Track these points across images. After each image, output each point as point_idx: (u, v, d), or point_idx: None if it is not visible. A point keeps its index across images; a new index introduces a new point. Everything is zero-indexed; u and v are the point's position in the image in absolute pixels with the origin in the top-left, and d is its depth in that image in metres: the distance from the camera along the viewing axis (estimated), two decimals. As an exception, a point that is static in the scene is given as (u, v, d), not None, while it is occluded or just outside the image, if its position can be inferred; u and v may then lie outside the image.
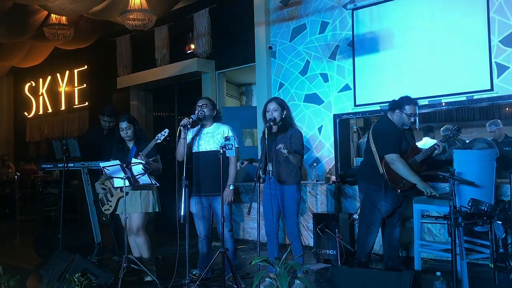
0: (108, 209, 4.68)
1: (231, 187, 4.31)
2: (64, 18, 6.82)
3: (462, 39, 5.54)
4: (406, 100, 4.25)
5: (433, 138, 6.97)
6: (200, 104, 4.42)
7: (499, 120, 6.73)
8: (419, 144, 5.81)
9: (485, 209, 3.54)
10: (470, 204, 3.63)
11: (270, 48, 7.13)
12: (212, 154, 4.30)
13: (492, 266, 3.73)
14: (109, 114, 5.74)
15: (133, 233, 4.58)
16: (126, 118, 4.65)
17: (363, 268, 4.15)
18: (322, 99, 6.68)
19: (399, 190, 4.16)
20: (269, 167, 4.17)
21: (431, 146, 4.22)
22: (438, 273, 3.50)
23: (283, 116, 4.21)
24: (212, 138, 4.39)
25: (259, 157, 4.46)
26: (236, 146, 4.21)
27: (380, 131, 4.26)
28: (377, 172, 4.20)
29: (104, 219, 4.92)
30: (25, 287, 4.51)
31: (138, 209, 4.51)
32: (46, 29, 6.86)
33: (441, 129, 7.31)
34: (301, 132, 4.33)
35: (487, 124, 6.71)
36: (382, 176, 4.16)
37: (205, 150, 4.38)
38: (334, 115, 6.46)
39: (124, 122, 4.60)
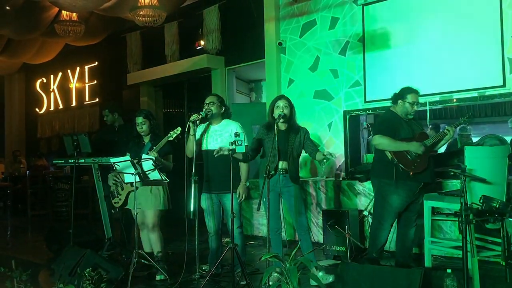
0: (118, 202, 4.76)
1: (247, 184, 4.37)
2: (74, 14, 6.86)
3: (474, 34, 5.48)
4: (407, 90, 4.28)
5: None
6: (207, 102, 4.43)
7: None
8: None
9: (497, 206, 3.51)
10: (481, 201, 3.60)
11: (280, 44, 7.10)
12: None
13: (504, 264, 3.71)
14: (104, 108, 5.82)
15: (147, 229, 4.62)
16: (142, 113, 4.70)
17: (373, 264, 4.14)
18: (332, 95, 6.65)
19: (411, 173, 4.09)
20: (282, 165, 4.19)
21: (441, 131, 4.20)
22: (449, 270, 3.48)
23: (291, 114, 4.25)
24: (221, 136, 4.39)
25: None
26: (246, 144, 4.21)
27: (376, 121, 4.29)
28: (388, 164, 4.17)
29: (113, 211, 4.97)
30: (37, 281, 4.56)
31: (149, 206, 4.53)
32: (57, 26, 6.90)
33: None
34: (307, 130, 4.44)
35: (509, 120, 6.58)
36: (392, 163, 4.13)
37: (213, 148, 4.37)
38: (344, 111, 6.44)
39: (139, 117, 4.65)
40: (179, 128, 4.39)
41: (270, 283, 3.92)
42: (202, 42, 8.49)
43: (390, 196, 4.17)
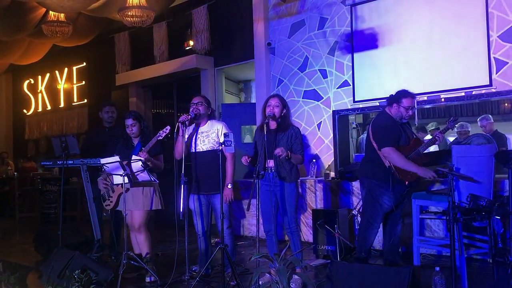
0: (109, 205, 4.72)
1: (229, 186, 4.32)
2: (62, 15, 6.80)
3: (461, 34, 5.53)
4: (403, 94, 4.28)
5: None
6: (195, 102, 4.41)
7: (490, 115, 6.72)
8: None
9: (484, 204, 3.55)
10: (468, 200, 3.64)
11: (269, 44, 7.12)
12: (209, 154, 4.30)
13: (491, 261, 3.75)
14: (110, 103, 5.77)
15: (135, 230, 4.60)
16: (132, 115, 4.66)
17: (362, 263, 4.16)
18: (321, 95, 6.68)
19: (407, 182, 4.16)
20: (269, 164, 4.20)
21: (432, 138, 4.26)
22: (437, 269, 3.51)
23: (283, 114, 4.24)
24: (207, 137, 4.38)
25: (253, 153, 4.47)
26: (235, 144, 4.21)
27: (378, 126, 4.28)
28: (381, 167, 4.19)
29: (105, 214, 4.95)
30: (25, 284, 4.52)
31: (139, 206, 4.52)
32: (44, 26, 6.83)
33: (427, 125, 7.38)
34: (300, 131, 4.37)
35: (478, 119, 6.67)
36: (388, 170, 4.16)
37: (201, 150, 4.37)
38: (333, 111, 6.46)
39: (129, 119, 4.61)
40: (168, 127, 4.38)
41: (261, 282, 3.93)
42: (191, 43, 8.47)
43: (382, 197, 4.20)
